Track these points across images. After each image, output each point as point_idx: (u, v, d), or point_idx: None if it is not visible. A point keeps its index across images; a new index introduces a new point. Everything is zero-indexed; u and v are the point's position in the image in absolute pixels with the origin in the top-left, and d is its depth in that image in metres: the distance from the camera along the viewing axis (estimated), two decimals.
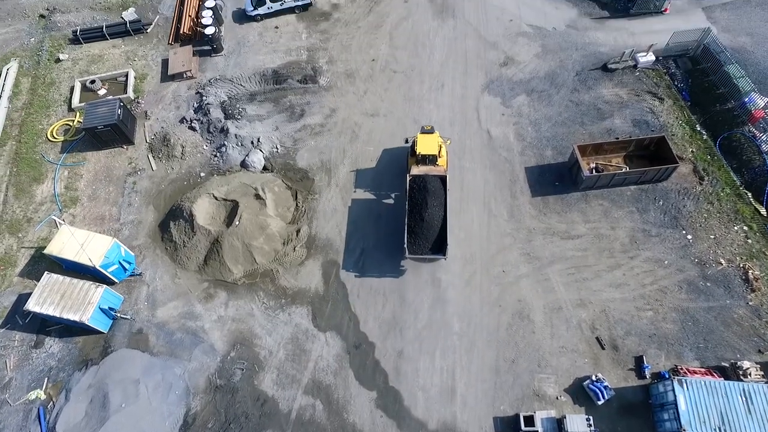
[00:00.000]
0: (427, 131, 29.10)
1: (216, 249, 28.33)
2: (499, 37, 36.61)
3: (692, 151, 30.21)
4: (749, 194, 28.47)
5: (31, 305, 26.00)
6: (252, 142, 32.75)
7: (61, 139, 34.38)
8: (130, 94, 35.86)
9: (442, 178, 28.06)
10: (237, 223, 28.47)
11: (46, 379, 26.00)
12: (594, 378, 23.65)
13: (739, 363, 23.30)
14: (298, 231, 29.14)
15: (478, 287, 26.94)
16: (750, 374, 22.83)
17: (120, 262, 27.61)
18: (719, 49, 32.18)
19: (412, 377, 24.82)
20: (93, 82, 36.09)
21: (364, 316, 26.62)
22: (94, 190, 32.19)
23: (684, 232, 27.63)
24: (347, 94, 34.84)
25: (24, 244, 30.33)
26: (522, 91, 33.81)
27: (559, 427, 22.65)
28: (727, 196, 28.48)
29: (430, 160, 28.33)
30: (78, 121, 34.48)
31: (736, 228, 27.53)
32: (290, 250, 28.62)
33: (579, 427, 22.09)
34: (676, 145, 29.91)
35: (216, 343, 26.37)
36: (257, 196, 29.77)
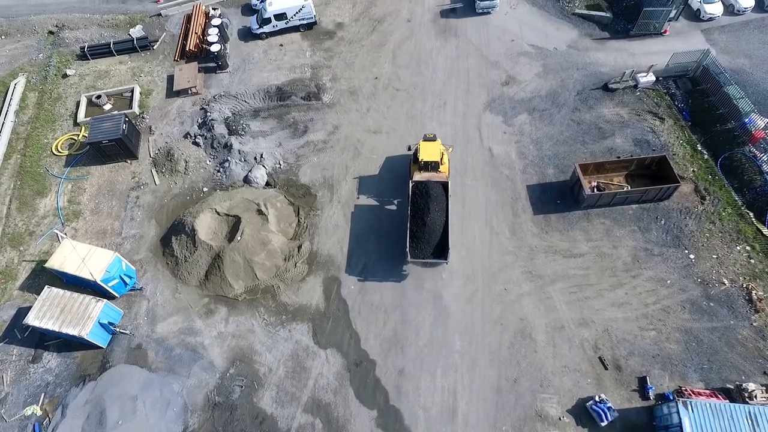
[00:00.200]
0: (430, 139, 29.68)
1: (217, 264, 28.29)
2: (501, 56, 37.11)
3: (693, 171, 30.33)
4: (751, 214, 28.50)
5: (31, 319, 25.90)
6: (255, 158, 32.95)
7: (66, 153, 34.62)
8: (136, 109, 36.24)
9: (444, 185, 28.41)
10: (239, 238, 28.48)
11: (43, 395, 25.72)
12: (597, 399, 23.35)
13: (744, 385, 23.05)
14: (300, 247, 29.13)
15: (480, 305, 26.81)
16: (756, 397, 22.53)
17: (121, 277, 27.57)
18: (718, 71, 32.58)
19: (413, 396, 24.53)
20: (99, 97, 36.49)
21: (365, 334, 26.45)
22: (96, 204, 32.28)
23: (686, 251, 27.57)
24: (350, 112, 35.17)
25: (25, 258, 30.30)
26: (523, 109, 34.12)
27: None
28: (728, 215, 28.49)
29: (432, 166, 28.79)
30: (83, 136, 34.77)
31: (738, 248, 27.47)
32: (291, 266, 28.57)
33: None
34: (677, 165, 30.05)
35: (215, 360, 26.16)
36: (259, 212, 29.84)
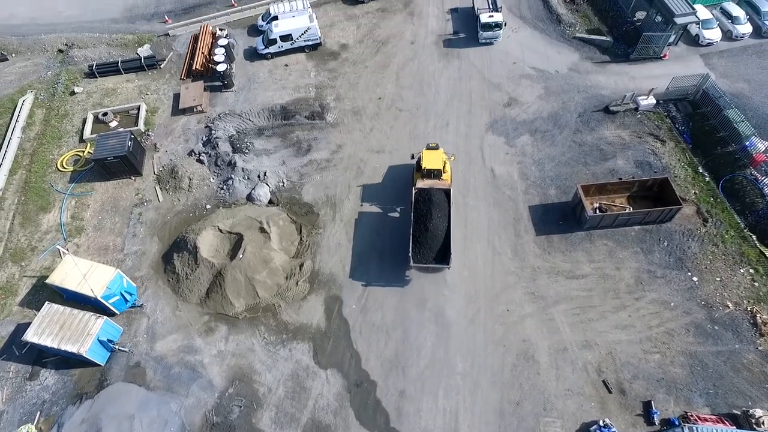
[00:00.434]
0: (432, 148, 30.22)
1: (218, 282, 28.19)
2: (503, 78, 37.60)
3: (695, 193, 30.41)
4: (754, 237, 28.46)
5: (30, 335, 25.69)
6: (259, 176, 33.14)
7: (71, 169, 34.86)
8: (141, 126, 36.61)
9: (447, 192, 28.75)
10: (241, 256, 28.45)
11: (39, 413, 25.35)
12: (601, 423, 22.99)
13: (751, 411, 22.68)
14: (302, 265, 29.07)
15: (482, 326, 26.60)
16: (763, 423, 22.17)
17: (122, 294, 27.46)
18: (718, 94, 32.94)
19: (414, 418, 24.16)
20: (105, 114, 36.90)
21: (366, 354, 26.19)
22: (99, 220, 32.36)
23: (689, 273, 27.46)
24: (353, 131, 35.50)
25: (26, 273, 30.24)
26: (525, 131, 34.41)
27: None
28: (731, 238, 28.45)
29: (435, 174, 29.19)
30: (88, 152, 35.07)
31: (742, 270, 27.36)
32: (293, 285, 28.47)
33: None
34: (679, 187, 30.14)
35: (214, 379, 25.86)
36: (262, 230, 29.86)
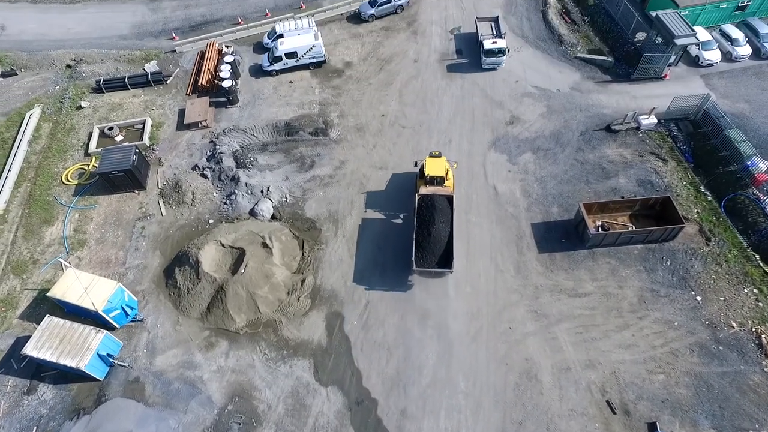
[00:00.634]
0: (435, 156, 30.75)
1: (220, 297, 28.10)
2: (505, 96, 37.96)
3: (697, 212, 30.42)
4: (757, 256, 28.37)
5: (29, 349, 25.53)
6: (262, 191, 33.28)
7: (75, 182, 35.06)
8: (146, 141, 36.92)
9: (449, 198, 29.22)
10: (243, 271, 28.39)
11: (35, 428, 25.06)
12: None
13: None
14: (303, 281, 28.99)
15: (485, 344, 26.39)
16: None
17: (122, 308, 27.35)
18: (719, 114, 33.18)
19: None
20: (111, 128, 37.26)
21: (367, 371, 25.95)
22: (102, 233, 32.41)
23: (693, 293, 27.31)
24: (357, 147, 35.74)
25: (28, 286, 30.19)
26: (528, 149, 34.62)
27: None
28: (734, 257, 28.36)
29: (438, 181, 29.70)
30: (93, 166, 35.30)
31: (746, 290, 27.21)
32: (294, 300, 28.35)
33: None
34: (681, 206, 30.16)
35: (214, 395, 25.59)
36: (264, 245, 29.86)
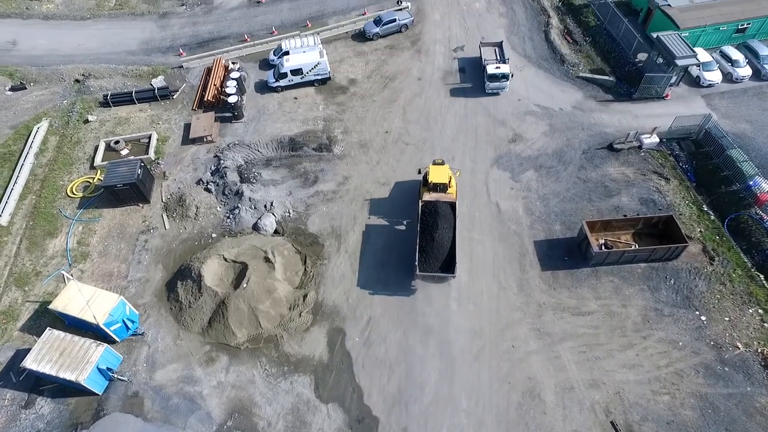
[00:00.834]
0: (439, 163, 31.40)
1: (221, 311, 28.00)
2: (508, 115, 38.29)
3: (700, 231, 30.38)
4: (762, 276, 28.23)
5: (29, 362, 25.36)
6: (265, 206, 33.40)
7: (80, 195, 35.28)
8: (151, 155, 37.24)
9: (452, 205, 29.72)
10: (245, 285, 28.35)
11: None
12: None
13: None
14: (305, 296, 28.90)
15: (487, 362, 26.16)
16: None
17: (124, 321, 27.27)
18: (721, 134, 33.38)
19: None
20: (117, 142, 37.62)
21: (368, 388, 25.70)
22: (105, 246, 32.48)
23: (697, 312, 27.13)
24: (360, 164, 35.96)
25: (29, 298, 30.14)
26: (530, 166, 34.79)
27: None
28: (739, 277, 28.22)
29: (441, 188, 30.25)
30: (98, 179, 35.55)
31: (750, 311, 27.02)
32: (296, 316, 28.23)
33: None
34: (684, 225, 30.16)
35: (213, 411, 25.33)
36: (266, 260, 29.85)
